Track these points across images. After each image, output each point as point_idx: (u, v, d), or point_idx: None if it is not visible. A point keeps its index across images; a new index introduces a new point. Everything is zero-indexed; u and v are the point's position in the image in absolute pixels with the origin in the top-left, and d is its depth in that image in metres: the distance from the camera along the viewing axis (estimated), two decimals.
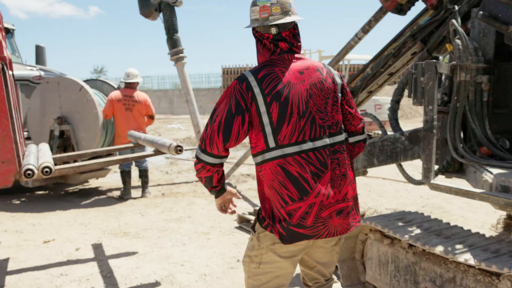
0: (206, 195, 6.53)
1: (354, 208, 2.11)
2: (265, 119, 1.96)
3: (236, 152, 11.69)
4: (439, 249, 2.28)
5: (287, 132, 1.96)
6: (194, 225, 5.03)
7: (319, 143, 1.99)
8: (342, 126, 2.11)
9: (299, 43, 2.11)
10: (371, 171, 4.17)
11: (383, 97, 13.17)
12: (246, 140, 8.71)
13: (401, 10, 3.92)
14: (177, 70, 7.66)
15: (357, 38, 4.59)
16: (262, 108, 1.95)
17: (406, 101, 16.39)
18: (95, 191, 6.98)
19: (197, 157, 2.04)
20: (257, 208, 4.88)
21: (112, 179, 7.90)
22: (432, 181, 2.45)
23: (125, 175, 6.45)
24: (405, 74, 3.45)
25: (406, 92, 3.56)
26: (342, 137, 2.08)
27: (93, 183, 7.61)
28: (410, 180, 3.32)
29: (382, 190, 6.64)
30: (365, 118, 3.75)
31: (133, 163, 6.71)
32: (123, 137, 6.21)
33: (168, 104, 35.40)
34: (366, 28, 4.48)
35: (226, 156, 2.03)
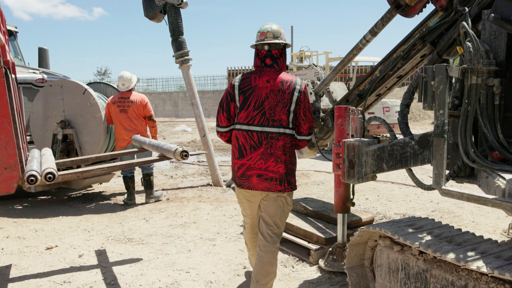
0: (212, 200, 6.54)
1: (276, 179, 3.09)
2: (236, 104, 3.17)
3: None
4: (450, 256, 2.27)
5: (243, 115, 3.13)
6: (200, 231, 5.03)
7: (261, 129, 3.09)
8: (286, 123, 3.11)
9: (282, 62, 3.23)
10: (379, 175, 4.16)
11: (392, 99, 13.13)
12: None
13: (399, 6, 3.92)
14: (182, 73, 7.70)
15: (365, 41, 4.58)
16: (236, 98, 3.17)
17: (415, 103, 16.34)
18: (99, 196, 7.01)
19: (216, 131, 3.38)
20: None
21: (115, 184, 7.94)
22: (443, 187, 2.44)
23: (128, 180, 6.45)
24: (415, 77, 3.45)
25: (416, 95, 3.56)
26: (280, 130, 3.10)
27: (96, 188, 7.65)
28: (420, 185, 3.30)
29: (391, 194, 6.62)
30: (374, 121, 3.76)
31: (136, 168, 6.72)
32: (120, 140, 6.22)
33: (173, 106, 35.48)
34: (375, 31, 4.48)
35: (229, 126, 3.25)
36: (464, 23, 2.71)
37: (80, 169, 3.28)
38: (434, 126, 2.47)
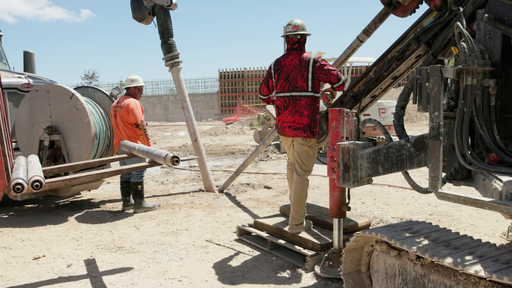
0: (204, 206, 6.54)
1: (301, 128, 4.43)
2: (273, 80, 4.65)
3: (234, 160, 11.73)
4: (448, 261, 2.29)
5: (278, 86, 4.57)
6: (192, 238, 5.03)
7: (289, 94, 4.49)
8: (305, 88, 4.42)
9: (303, 45, 4.61)
10: (376, 178, 4.18)
11: (388, 100, 13.19)
12: (245, 147, 8.75)
13: (390, 4, 3.96)
14: (172, 76, 7.70)
15: (359, 41, 4.63)
16: (273, 76, 4.66)
17: (411, 105, 16.41)
18: (87, 204, 6.99)
19: (260, 98, 4.95)
20: (257, 219, 4.87)
21: (105, 191, 7.92)
22: (439, 190, 2.46)
23: (126, 186, 6.44)
24: (410, 79, 3.48)
25: (412, 97, 3.59)
26: (302, 93, 4.43)
27: (85, 195, 7.62)
28: (417, 188, 3.32)
29: (387, 198, 6.66)
30: (369, 123, 3.79)
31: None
32: (115, 145, 6.25)
33: (163, 110, 35.44)
34: (368, 31, 4.51)
35: (268, 96, 4.85)
36: (459, 23, 2.74)
37: (68, 176, 3.28)
38: (430, 128, 2.50)
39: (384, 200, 6.51)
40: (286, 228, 4.49)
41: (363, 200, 6.55)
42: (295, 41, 4.57)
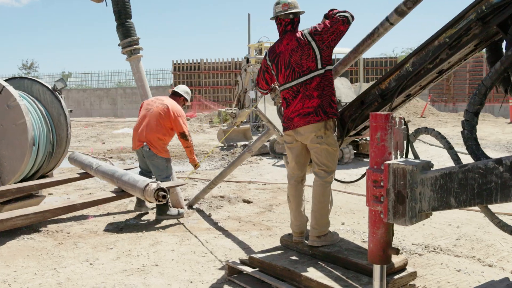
0: (174, 228, 5.51)
1: (312, 112, 3.87)
2: (272, 73, 4.18)
3: (200, 164, 10.67)
4: None
5: (280, 78, 4.06)
6: (166, 279, 4.01)
7: (296, 81, 3.94)
8: (315, 67, 3.86)
9: (297, 25, 4.07)
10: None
11: None
12: (208, 148, 7.71)
13: None
14: (131, 66, 6.63)
15: (388, 23, 3.74)
16: (270, 67, 4.18)
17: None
18: (24, 226, 5.75)
19: (262, 93, 4.48)
20: (253, 255, 3.92)
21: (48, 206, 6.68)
22: None
23: None
24: (490, 76, 2.63)
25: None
26: (310, 75, 3.88)
27: None
28: (505, 228, 2.49)
29: None
30: (423, 135, 2.91)
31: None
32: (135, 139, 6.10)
33: (111, 105, 33.89)
34: (403, 10, 3.63)
35: (268, 89, 4.38)
36: None
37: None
38: None
39: None
40: (308, 242, 3.90)
41: (367, 219, 5.72)
42: (288, 21, 4.04)
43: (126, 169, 4.82)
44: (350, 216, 6.02)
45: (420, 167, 2.60)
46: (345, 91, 8.96)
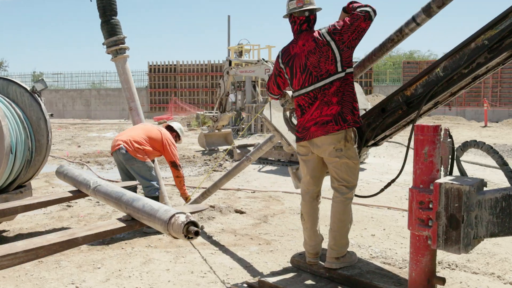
0: (166, 243, 5.07)
1: (331, 120, 3.49)
2: (286, 77, 3.75)
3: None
4: None
5: (295, 83, 3.66)
6: None
7: (313, 87, 3.55)
8: (334, 70, 3.47)
9: (314, 23, 3.67)
10: (378, 199, 2.96)
11: None
12: (189, 153, 7.19)
13: None
14: (117, 67, 6.20)
15: (414, 24, 3.41)
16: (284, 71, 3.75)
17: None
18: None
19: (272, 98, 4.06)
20: (264, 278, 3.53)
21: (25, 218, 6.14)
22: None
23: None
24: None
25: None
26: (330, 79, 3.49)
27: None
28: None
29: (398, 226, 5.58)
30: (473, 148, 2.58)
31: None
32: (115, 145, 5.70)
33: (85, 106, 32.98)
34: (432, 9, 3.31)
35: (280, 94, 3.91)
36: None
37: None
38: None
39: (396, 231, 5.40)
40: (325, 264, 3.56)
41: (370, 231, 5.41)
42: (303, 19, 3.63)
43: (110, 181, 4.35)
44: (352, 228, 5.67)
45: (476, 187, 2.27)
46: (357, 97, 8.63)
